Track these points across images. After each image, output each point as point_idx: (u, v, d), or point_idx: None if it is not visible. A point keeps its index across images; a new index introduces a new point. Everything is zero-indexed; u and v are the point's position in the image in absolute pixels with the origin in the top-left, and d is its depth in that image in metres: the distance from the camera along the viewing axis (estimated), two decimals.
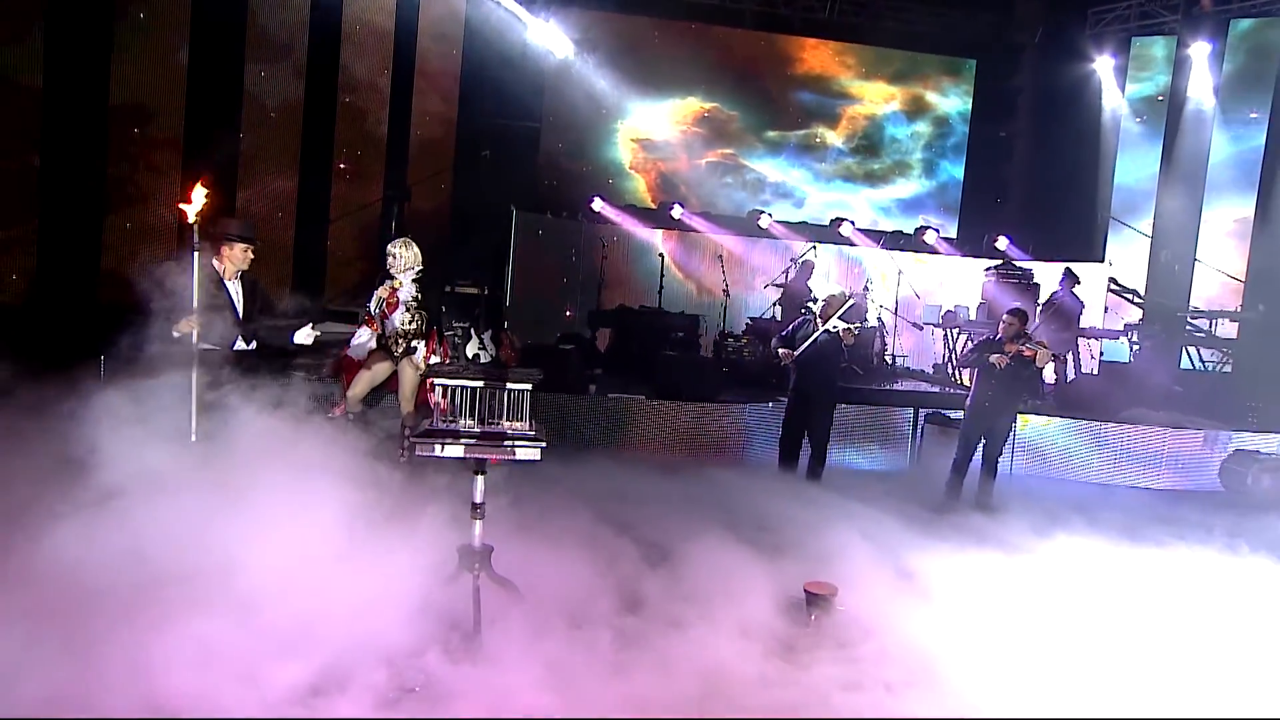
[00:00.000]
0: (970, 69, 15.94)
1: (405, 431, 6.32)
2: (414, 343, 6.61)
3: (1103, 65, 14.57)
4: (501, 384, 4.53)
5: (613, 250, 13.63)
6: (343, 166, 12.77)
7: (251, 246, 6.18)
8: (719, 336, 12.12)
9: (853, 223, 14.69)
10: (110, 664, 3.70)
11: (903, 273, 13.64)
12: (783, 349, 8.37)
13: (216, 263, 6.00)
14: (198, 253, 5.58)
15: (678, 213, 14.14)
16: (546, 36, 13.57)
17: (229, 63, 11.80)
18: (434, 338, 6.64)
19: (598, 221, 13.81)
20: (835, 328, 8.13)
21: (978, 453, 8.36)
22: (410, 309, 6.61)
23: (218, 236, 5.97)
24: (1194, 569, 6.50)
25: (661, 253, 13.38)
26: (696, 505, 7.24)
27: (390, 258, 6.66)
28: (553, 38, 13.63)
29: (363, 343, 6.66)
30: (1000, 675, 4.56)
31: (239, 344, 5.99)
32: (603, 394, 9.64)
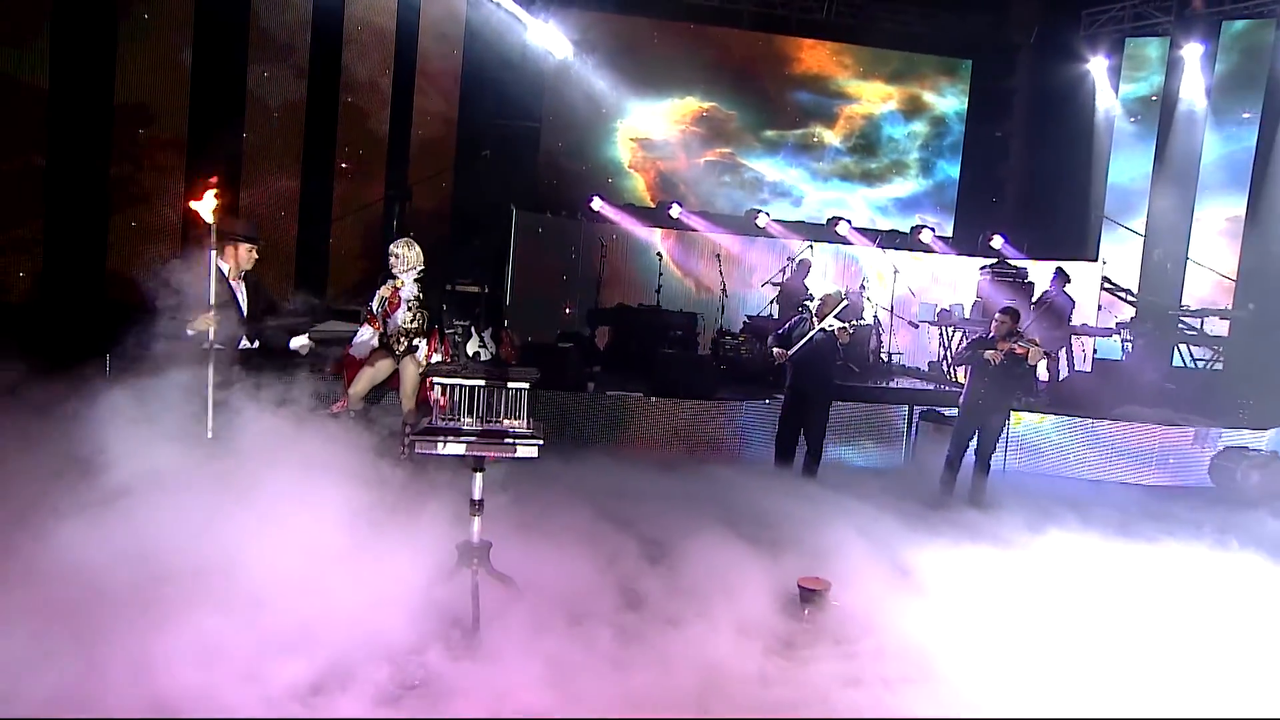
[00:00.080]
0: (966, 69, 15.97)
1: (406, 429, 6.34)
2: (415, 341, 6.65)
3: (1097, 66, 14.64)
4: (500, 383, 4.56)
5: (612, 249, 13.64)
6: (344, 166, 12.77)
7: (256, 246, 6.20)
8: (717, 334, 12.14)
9: (849, 222, 14.71)
10: (126, 659, 3.75)
11: (898, 271, 13.66)
12: (777, 348, 8.38)
13: (221, 262, 5.97)
14: (215, 251, 5.61)
15: (676, 212, 14.17)
16: (546, 37, 13.61)
17: (232, 63, 11.81)
18: (435, 336, 6.68)
19: (597, 220, 13.81)
20: (831, 326, 8.14)
21: (970, 449, 8.40)
22: (412, 308, 6.65)
23: (223, 236, 5.93)
24: (1185, 565, 6.55)
25: (660, 252, 13.40)
26: (695, 502, 7.25)
27: (393, 257, 6.71)
28: (552, 38, 13.67)
29: (365, 340, 6.71)
30: (997, 671, 4.60)
31: (244, 343, 6.00)
32: (601, 391, 9.66)
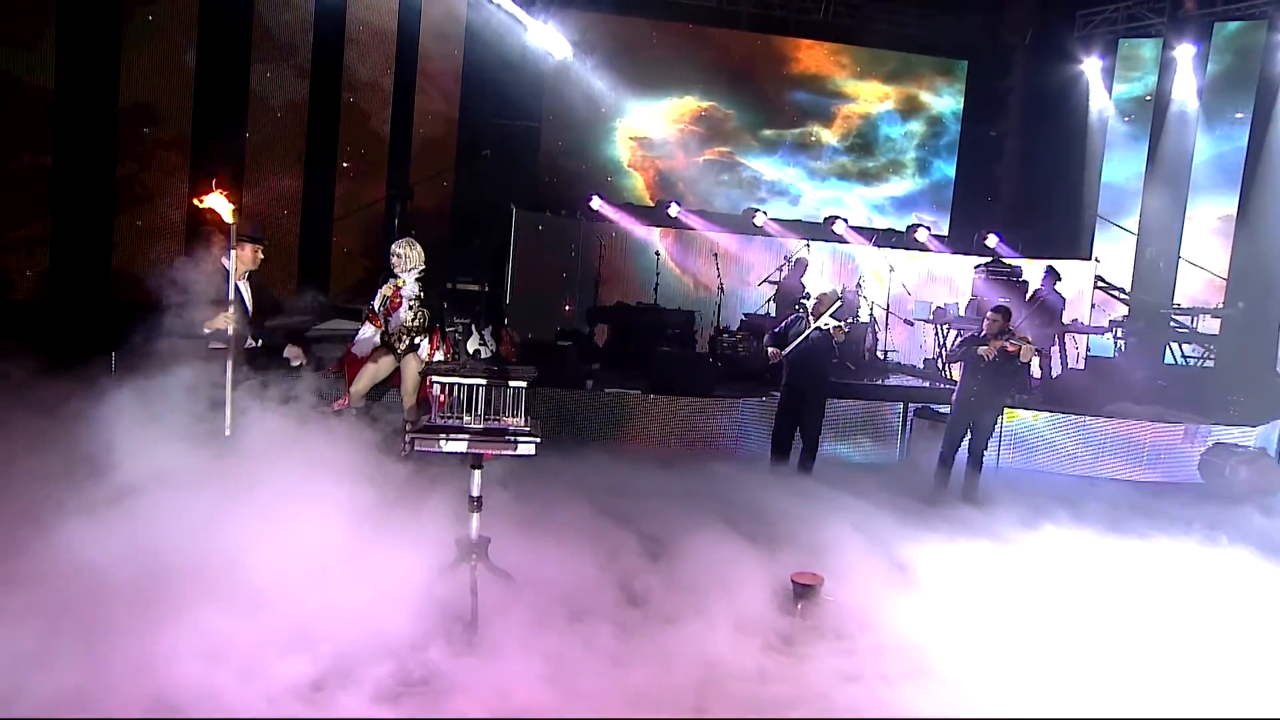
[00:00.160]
0: (962, 70, 16.04)
1: (407, 427, 6.41)
2: (417, 339, 6.74)
3: (1091, 67, 14.72)
4: (501, 382, 4.63)
5: (610, 248, 13.72)
6: (346, 165, 12.87)
7: (261, 246, 6.31)
8: (714, 332, 12.18)
9: (846, 220, 14.78)
10: (141, 653, 3.81)
11: (894, 270, 13.72)
12: (772, 347, 8.45)
13: (227, 263, 5.97)
14: (234, 251, 5.71)
15: (674, 211, 14.26)
16: (545, 38, 13.67)
17: (235, 64, 11.89)
18: (437, 334, 6.77)
19: (596, 219, 13.88)
20: (827, 325, 8.21)
21: (964, 446, 8.48)
22: (413, 307, 6.73)
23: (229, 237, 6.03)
24: (1175, 560, 6.64)
25: (658, 250, 13.47)
26: (693, 498, 7.30)
27: (395, 257, 6.79)
28: (552, 39, 13.73)
29: (367, 339, 6.79)
30: (995, 666, 4.65)
31: (249, 342, 6.09)
32: (600, 389, 9.71)
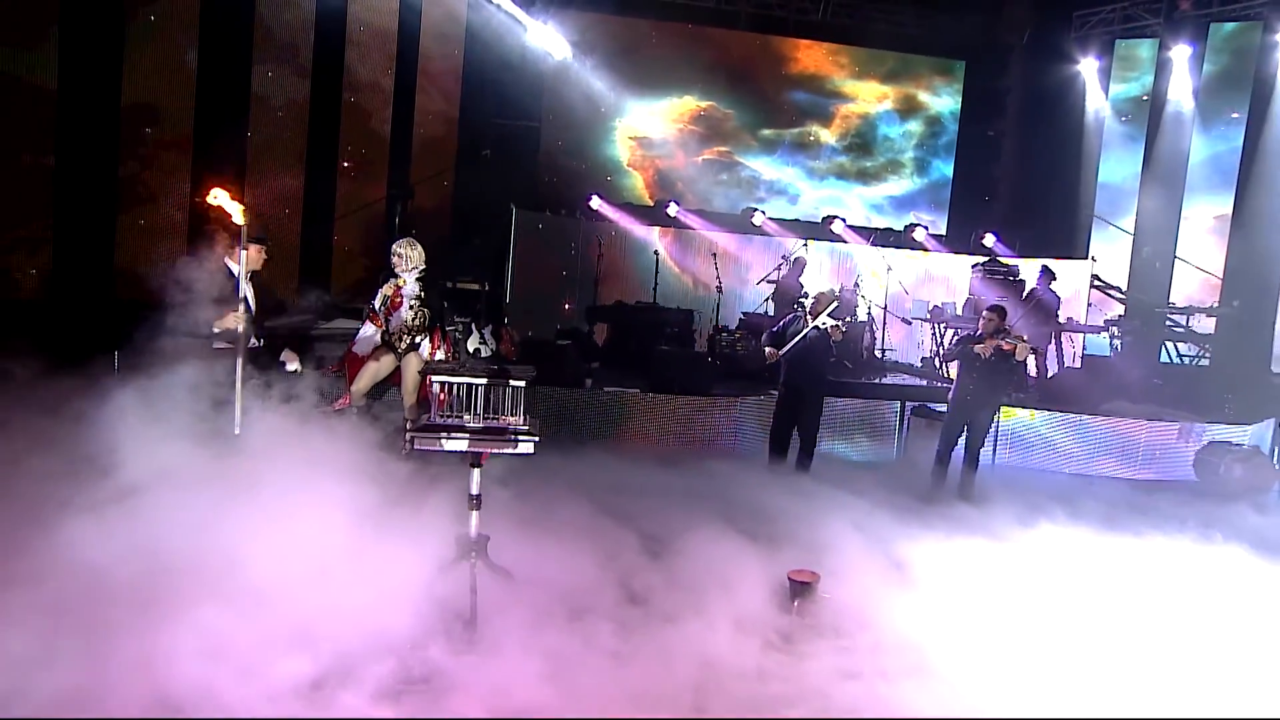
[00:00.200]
0: (960, 70, 16.08)
1: (408, 425, 6.42)
2: (418, 338, 6.77)
3: (1087, 67, 14.78)
4: (501, 381, 4.68)
5: (610, 247, 13.74)
6: (347, 165, 12.94)
7: (265, 247, 6.34)
8: (713, 331, 12.22)
9: (844, 220, 14.80)
10: (151, 648, 3.85)
11: (891, 269, 13.78)
12: (769, 347, 8.51)
13: (230, 263, 6.07)
14: (245, 251, 5.76)
15: (673, 210, 14.30)
16: (545, 38, 13.72)
17: (237, 64, 11.97)
18: (437, 333, 6.80)
19: (596, 219, 13.92)
20: (824, 324, 8.26)
21: (960, 444, 8.51)
22: (414, 306, 6.76)
23: (237, 237, 5.96)
24: (1171, 558, 6.68)
25: (657, 250, 13.51)
26: (692, 497, 7.34)
27: (396, 257, 6.81)
28: (551, 39, 13.77)
29: (367, 338, 6.81)
30: (993, 664, 4.69)
31: (252, 341, 6.08)
32: (599, 387, 9.76)
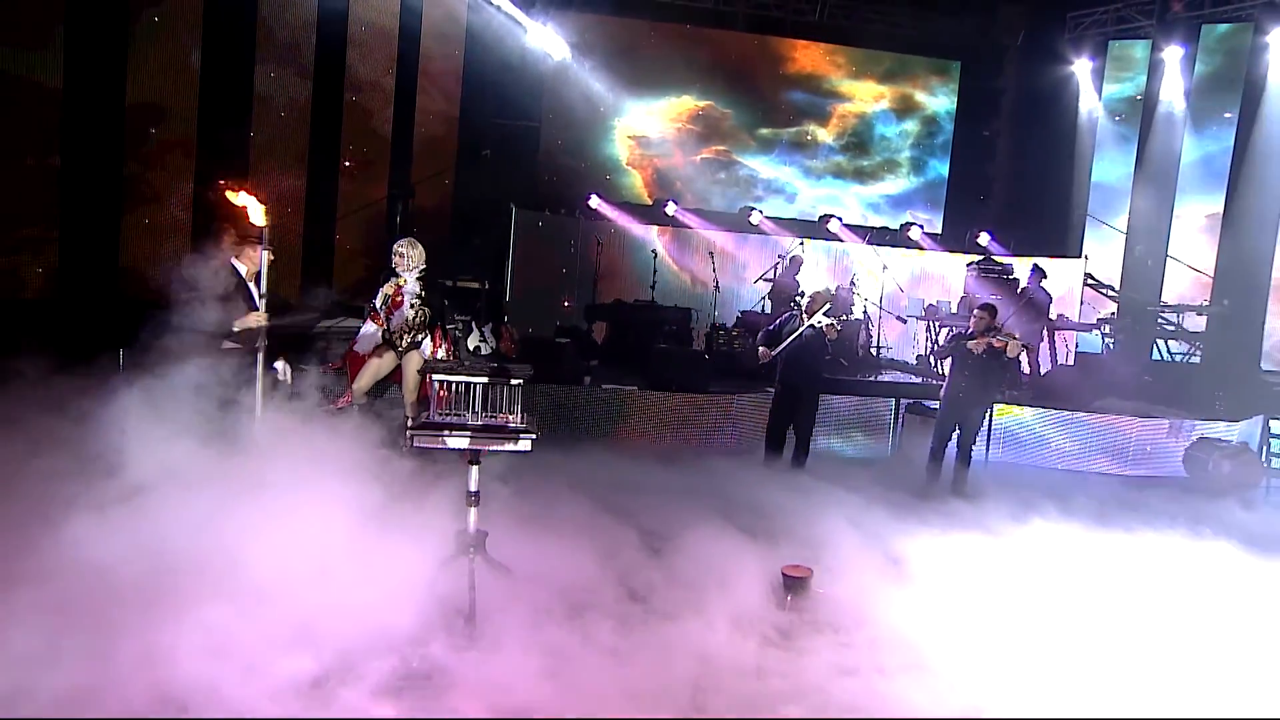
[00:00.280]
0: (956, 70, 16.18)
1: (408, 423, 6.62)
2: (419, 337, 6.84)
3: (1081, 68, 14.89)
4: (502, 380, 4.78)
5: (609, 246, 13.84)
6: (349, 164, 13.01)
7: (272, 248, 6.52)
8: (710, 329, 12.31)
9: (840, 219, 14.86)
10: (162, 644, 3.90)
11: (887, 268, 13.88)
12: (763, 347, 8.65)
13: (237, 263, 6.11)
14: (266, 251, 5.82)
15: (671, 209, 14.41)
16: (545, 39, 13.83)
17: (239, 64, 12.01)
18: (438, 332, 6.88)
19: (595, 218, 14.02)
20: (819, 323, 8.41)
21: (953, 441, 8.65)
22: (414, 305, 6.84)
23: (244, 238, 6.08)
24: (1161, 554, 6.80)
25: (654, 249, 13.63)
26: (691, 494, 7.41)
27: (397, 256, 6.88)
28: (550, 40, 13.89)
29: (369, 336, 6.89)
30: (988, 658, 4.75)
31: (260, 341, 6.14)
32: (597, 385, 9.88)
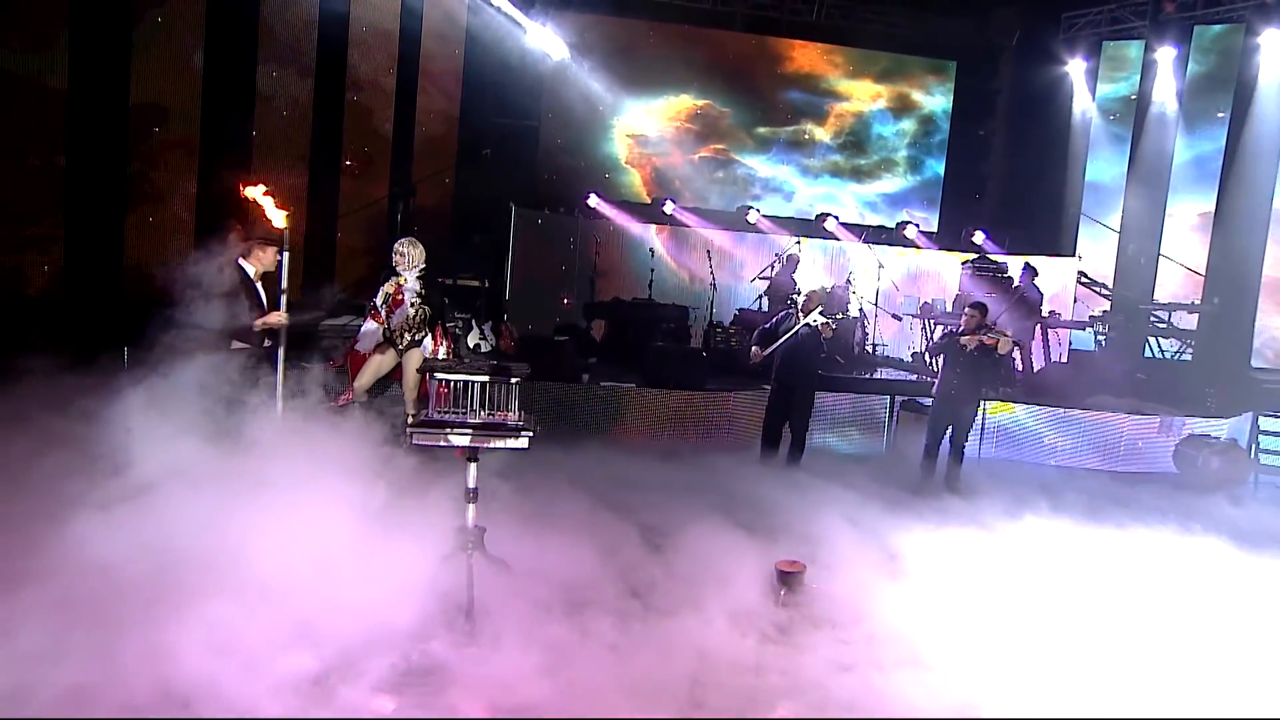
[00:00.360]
0: (952, 70, 16.30)
1: (409, 421, 6.75)
2: (419, 335, 6.94)
3: (1075, 68, 15.01)
4: (494, 377, 4.84)
5: (607, 244, 13.94)
6: (350, 164, 13.11)
7: (279, 248, 6.52)
8: (708, 327, 12.41)
9: (836, 218, 14.95)
10: (172, 639, 3.95)
11: (883, 266, 13.97)
12: (755, 346, 8.74)
13: (245, 262, 6.21)
14: (286, 252, 5.91)
15: (669, 208, 14.53)
16: (544, 39, 13.93)
17: (242, 64, 12.08)
18: (439, 330, 7.00)
19: (594, 217, 14.12)
20: (815, 322, 8.50)
21: (947, 437, 8.75)
22: (415, 303, 6.93)
23: (251, 239, 6.22)
24: (1152, 549, 6.89)
25: (653, 247, 13.74)
26: (689, 490, 7.47)
27: (397, 255, 6.97)
28: (550, 41, 13.98)
29: (370, 334, 6.99)
30: (984, 653, 4.81)
31: (266, 341, 6.25)
32: (596, 382, 9.98)
